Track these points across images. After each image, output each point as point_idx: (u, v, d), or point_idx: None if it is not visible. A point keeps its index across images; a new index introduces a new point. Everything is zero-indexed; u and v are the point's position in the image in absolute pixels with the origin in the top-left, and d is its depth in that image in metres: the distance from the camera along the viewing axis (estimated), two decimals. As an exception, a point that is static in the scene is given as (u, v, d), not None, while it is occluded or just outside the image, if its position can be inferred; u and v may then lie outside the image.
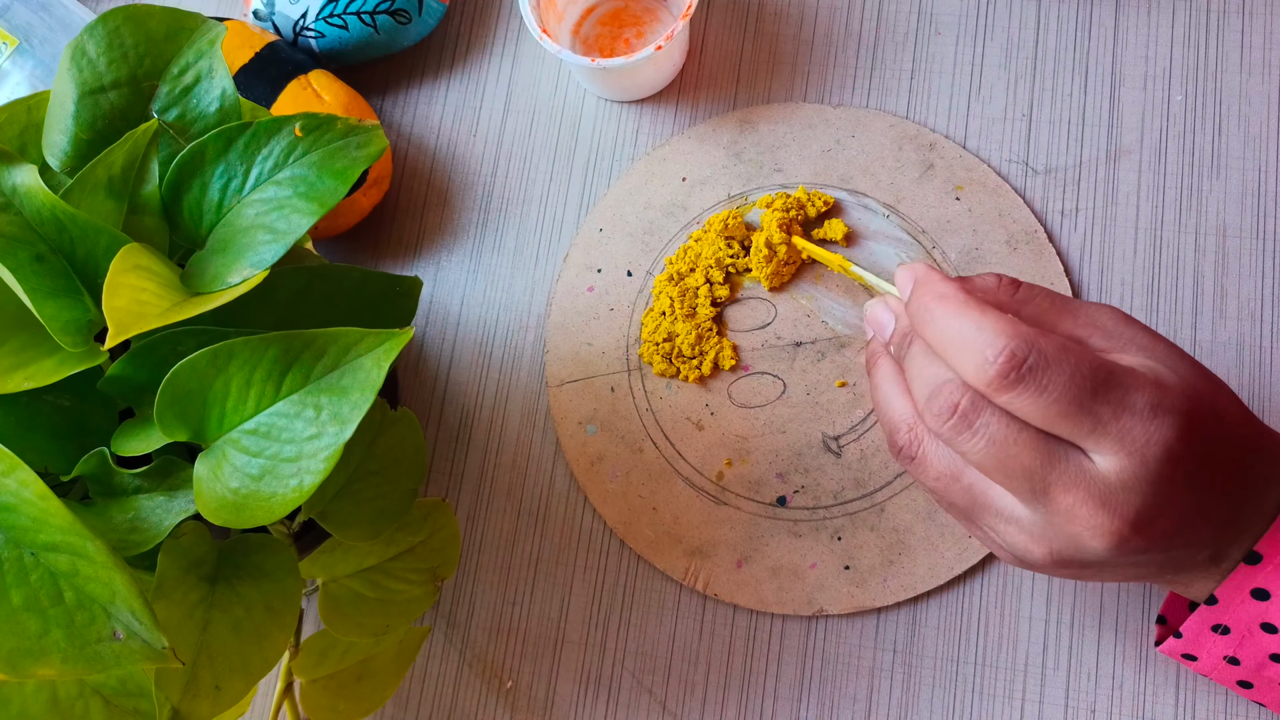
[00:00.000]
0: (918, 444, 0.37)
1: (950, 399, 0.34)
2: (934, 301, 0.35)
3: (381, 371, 0.33)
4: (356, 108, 0.55)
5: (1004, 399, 0.33)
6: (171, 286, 0.34)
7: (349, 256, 0.57)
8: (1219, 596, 0.37)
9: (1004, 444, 0.33)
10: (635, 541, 0.51)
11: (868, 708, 0.48)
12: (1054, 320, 0.37)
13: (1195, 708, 0.46)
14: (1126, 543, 0.34)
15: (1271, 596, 0.37)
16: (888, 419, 0.38)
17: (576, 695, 0.50)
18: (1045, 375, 0.32)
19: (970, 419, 0.34)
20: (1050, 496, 0.34)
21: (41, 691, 0.35)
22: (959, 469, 0.36)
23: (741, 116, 0.56)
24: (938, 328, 0.35)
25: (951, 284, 0.36)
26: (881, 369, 0.39)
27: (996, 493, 0.36)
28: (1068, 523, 0.34)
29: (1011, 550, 0.36)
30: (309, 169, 0.36)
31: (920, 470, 0.37)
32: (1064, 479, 0.33)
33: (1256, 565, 0.37)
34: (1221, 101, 0.53)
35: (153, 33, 0.37)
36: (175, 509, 0.35)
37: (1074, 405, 0.32)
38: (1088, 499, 0.33)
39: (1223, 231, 0.51)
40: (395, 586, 0.44)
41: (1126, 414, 0.33)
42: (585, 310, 0.54)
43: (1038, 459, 0.33)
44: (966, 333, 0.33)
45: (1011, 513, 0.35)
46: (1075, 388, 0.32)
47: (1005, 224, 0.52)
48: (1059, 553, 0.35)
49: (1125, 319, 0.37)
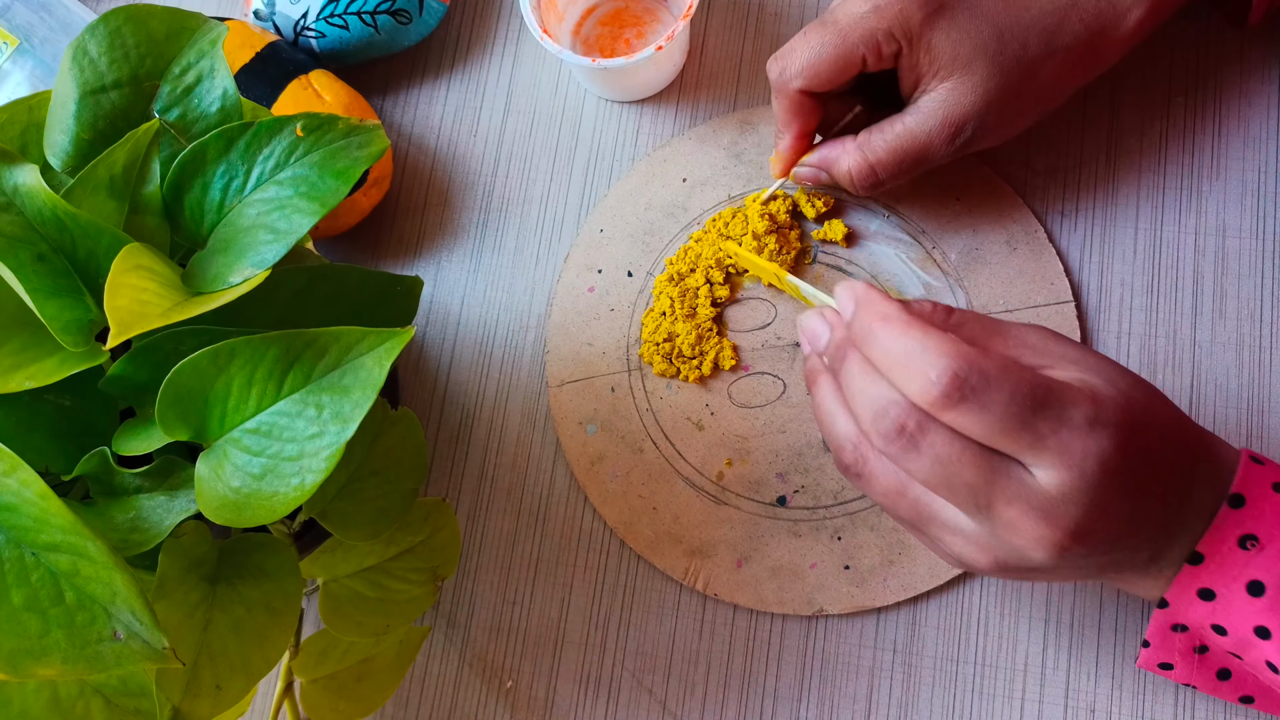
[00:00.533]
0: (864, 462, 0.38)
1: (896, 420, 0.35)
2: (878, 321, 0.36)
3: (383, 371, 0.33)
4: (357, 108, 0.55)
5: (948, 417, 0.34)
6: (173, 286, 0.34)
7: (349, 256, 0.57)
8: (1169, 600, 0.39)
9: (948, 462, 0.34)
10: (635, 541, 0.51)
11: (868, 708, 0.48)
12: (986, 343, 0.38)
13: (1195, 708, 0.46)
14: (1067, 551, 0.35)
15: (1217, 596, 0.38)
16: (832, 436, 0.39)
17: (576, 695, 0.50)
18: (987, 394, 0.33)
19: (916, 439, 0.35)
20: (993, 510, 0.35)
21: (42, 691, 0.35)
22: (905, 484, 0.37)
23: (742, 118, 0.56)
24: (881, 347, 0.36)
25: (894, 304, 0.37)
26: (823, 387, 0.40)
27: (940, 505, 0.37)
28: (1010, 535, 0.35)
29: (958, 559, 0.38)
30: (310, 169, 0.36)
31: (867, 486, 0.38)
32: (1006, 493, 0.35)
33: (1199, 565, 0.38)
34: (1221, 101, 0.53)
35: (154, 33, 0.37)
36: (176, 508, 0.35)
37: (1015, 422, 0.34)
38: (1029, 511, 0.34)
39: (1223, 231, 0.51)
40: (395, 586, 0.44)
41: (1064, 429, 0.34)
42: (586, 310, 0.54)
43: (980, 475, 0.34)
44: (911, 352, 0.34)
45: (957, 525, 0.37)
46: (1016, 405, 0.34)
47: (1005, 224, 0.52)
48: (1003, 561, 0.37)
49: (1054, 336, 0.39)
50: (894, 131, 0.46)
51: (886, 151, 0.46)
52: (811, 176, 0.50)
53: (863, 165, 0.47)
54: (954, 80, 0.45)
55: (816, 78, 0.46)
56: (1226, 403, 0.49)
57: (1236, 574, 0.37)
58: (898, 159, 0.46)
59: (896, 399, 0.35)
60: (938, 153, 0.46)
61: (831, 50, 0.45)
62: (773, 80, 0.47)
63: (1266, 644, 0.37)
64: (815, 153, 0.49)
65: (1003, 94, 0.45)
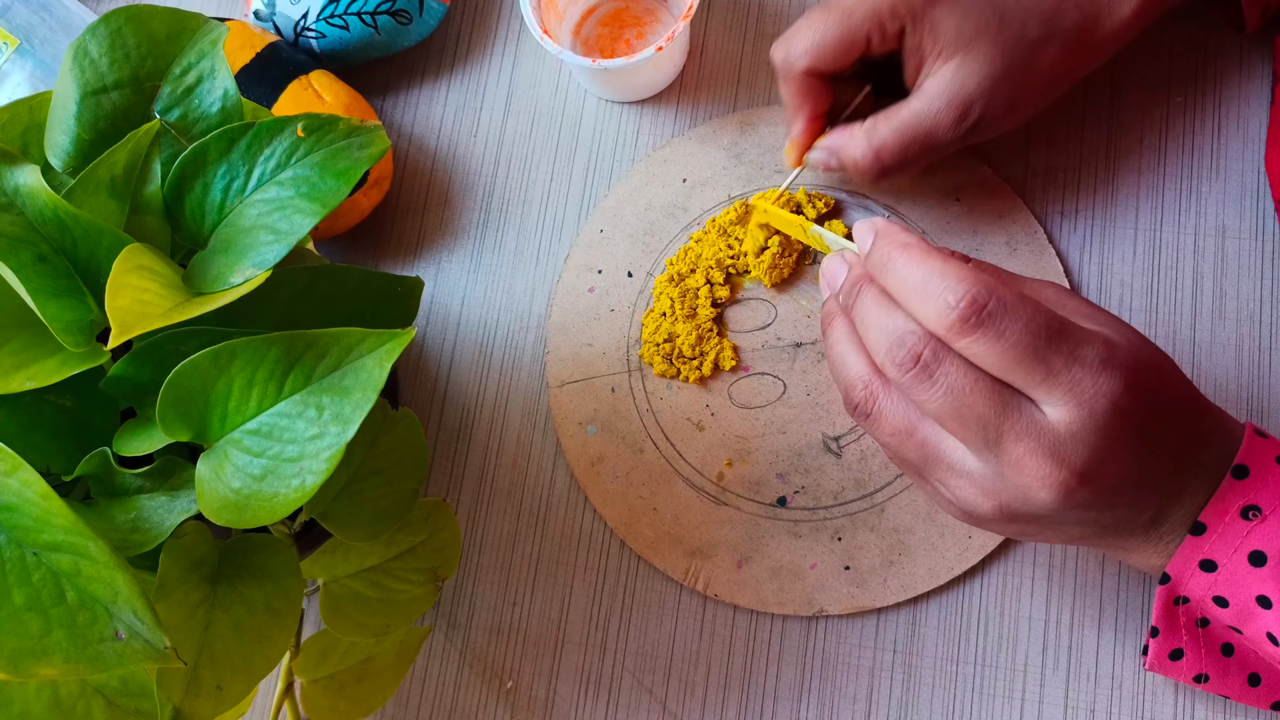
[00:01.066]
0: (873, 400, 0.38)
1: (913, 349, 0.35)
2: (897, 249, 0.36)
3: (383, 372, 0.33)
4: (357, 108, 0.55)
5: (963, 343, 0.34)
6: (174, 287, 0.34)
7: (350, 257, 0.57)
8: (1170, 572, 0.39)
9: (961, 393, 0.35)
10: (636, 542, 0.51)
11: (868, 708, 0.48)
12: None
13: (1195, 708, 0.46)
14: (1073, 494, 0.35)
15: (1219, 567, 0.38)
16: (843, 376, 0.39)
17: (576, 695, 0.50)
18: (1003, 321, 0.34)
19: (931, 369, 0.35)
20: (1002, 447, 0.35)
21: (43, 691, 0.35)
22: (913, 423, 0.37)
23: (742, 118, 0.56)
24: (900, 275, 0.36)
25: (914, 234, 0.37)
26: (837, 328, 0.40)
27: (949, 446, 0.37)
28: (1017, 474, 0.35)
29: (961, 505, 0.38)
30: (311, 169, 0.36)
31: (875, 426, 0.38)
32: (1016, 429, 0.35)
33: (1201, 536, 0.38)
34: (1221, 102, 0.53)
35: (155, 33, 0.37)
36: (177, 509, 0.35)
37: (1029, 352, 0.34)
38: (1037, 449, 0.35)
39: (1222, 231, 0.51)
40: (396, 586, 0.44)
41: (1077, 365, 0.34)
42: (586, 311, 0.54)
43: (992, 408, 0.35)
44: (930, 279, 0.35)
45: (963, 466, 0.37)
46: (1030, 335, 0.34)
47: (1005, 225, 0.52)
48: (1007, 506, 0.36)
49: (1068, 292, 0.39)
50: (899, 117, 0.46)
51: (893, 136, 0.46)
52: (824, 161, 0.49)
53: (868, 152, 0.47)
54: (958, 60, 0.45)
55: (822, 58, 0.46)
56: (1226, 403, 0.49)
57: (1238, 545, 0.37)
58: (904, 144, 0.46)
59: (913, 328, 0.35)
60: (945, 137, 0.46)
61: (836, 29, 0.45)
62: (778, 64, 0.47)
63: (1268, 614, 0.38)
64: (825, 138, 0.49)
65: (1007, 75, 0.45)
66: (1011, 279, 0.39)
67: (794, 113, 0.49)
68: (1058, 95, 0.48)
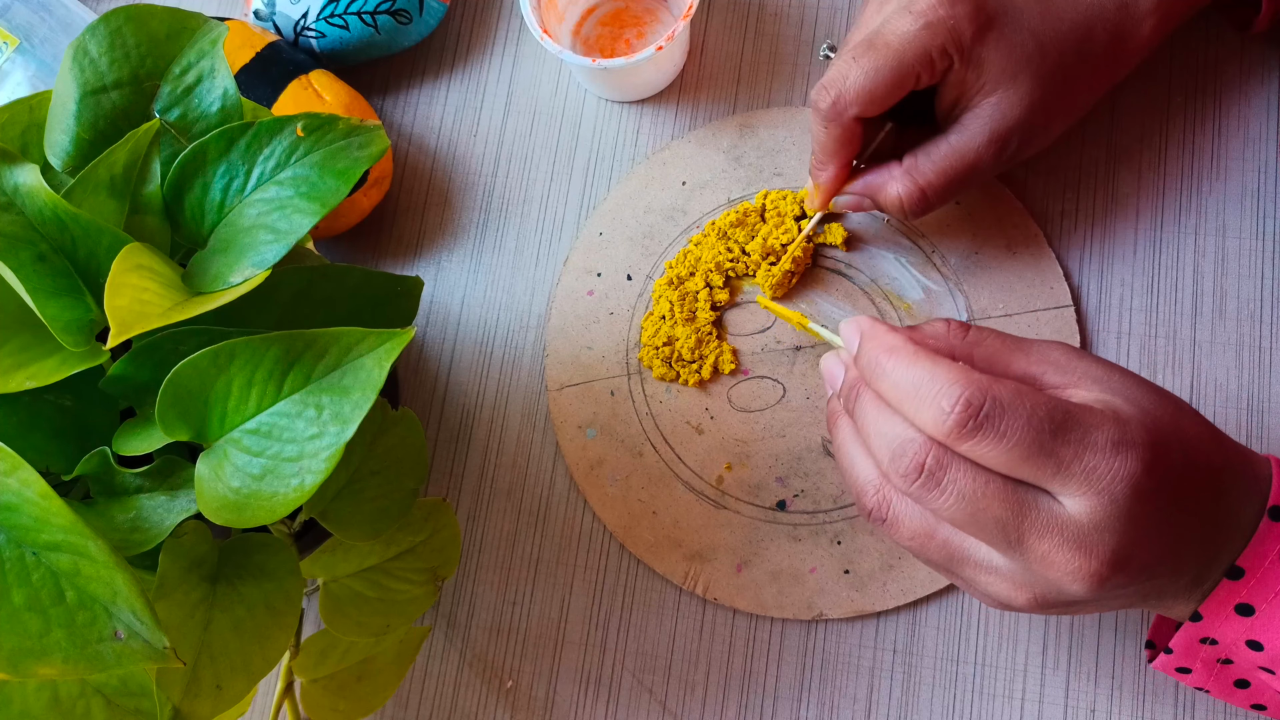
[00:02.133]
0: (887, 506, 0.37)
1: (916, 459, 0.34)
2: (884, 354, 0.35)
3: (383, 371, 0.33)
4: (357, 108, 0.55)
5: (965, 448, 0.33)
6: (173, 286, 0.34)
7: (349, 256, 0.57)
8: (1203, 613, 0.37)
9: (973, 498, 0.34)
10: (635, 545, 0.51)
11: (868, 708, 0.48)
12: (1006, 361, 0.37)
13: (1194, 708, 0.46)
14: (1106, 581, 0.34)
15: (1256, 611, 0.37)
16: (854, 482, 0.38)
17: (576, 695, 0.50)
18: (1003, 421, 0.33)
19: (937, 476, 0.34)
20: (1025, 545, 0.34)
21: (43, 691, 0.35)
22: (932, 526, 0.36)
23: (741, 120, 0.56)
24: (890, 381, 0.35)
25: (899, 335, 0.36)
26: (842, 429, 0.39)
27: (972, 544, 0.36)
28: (1046, 569, 0.34)
29: (995, 598, 0.37)
30: (311, 169, 0.36)
31: (894, 531, 0.37)
32: (1036, 526, 0.33)
33: (1239, 580, 0.36)
34: (1221, 102, 0.53)
35: (154, 33, 0.37)
36: (176, 508, 0.35)
37: (1035, 448, 0.33)
38: (1063, 544, 0.33)
39: (1223, 232, 0.51)
40: (396, 586, 0.44)
41: (1089, 453, 0.33)
42: (585, 314, 0.54)
43: (1008, 509, 0.33)
44: (920, 384, 0.34)
45: (990, 563, 0.36)
46: (1034, 430, 0.33)
47: (1004, 229, 0.52)
48: (1041, 597, 0.35)
49: (1077, 353, 0.37)
50: (941, 153, 0.45)
51: (936, 174, 0.45)
52: (854, 205, 0.48)
53: (913, 190, 0.46)
54: (999, 94, 0.44)
55: (874, 102, 0.44)
56: (1226, 403, 0.49)
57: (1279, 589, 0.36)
58: (947, 179, 0.45)
59: (912, 436, 0.34)
60: (986, 169, 0.45)
61: (889, 73, 0.43)
62: (824, 110, 0.45)
63: None
64: (858, 180, 0.48)
65: (1045, 103, 0.44)
66: (1014, 348, 0.38)
67: (830, 158, 0.47)
68: (1086, 112, 0.48)
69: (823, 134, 0.46)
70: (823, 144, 0.46)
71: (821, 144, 0.46)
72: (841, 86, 0.44)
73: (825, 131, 0.46)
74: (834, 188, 0.48)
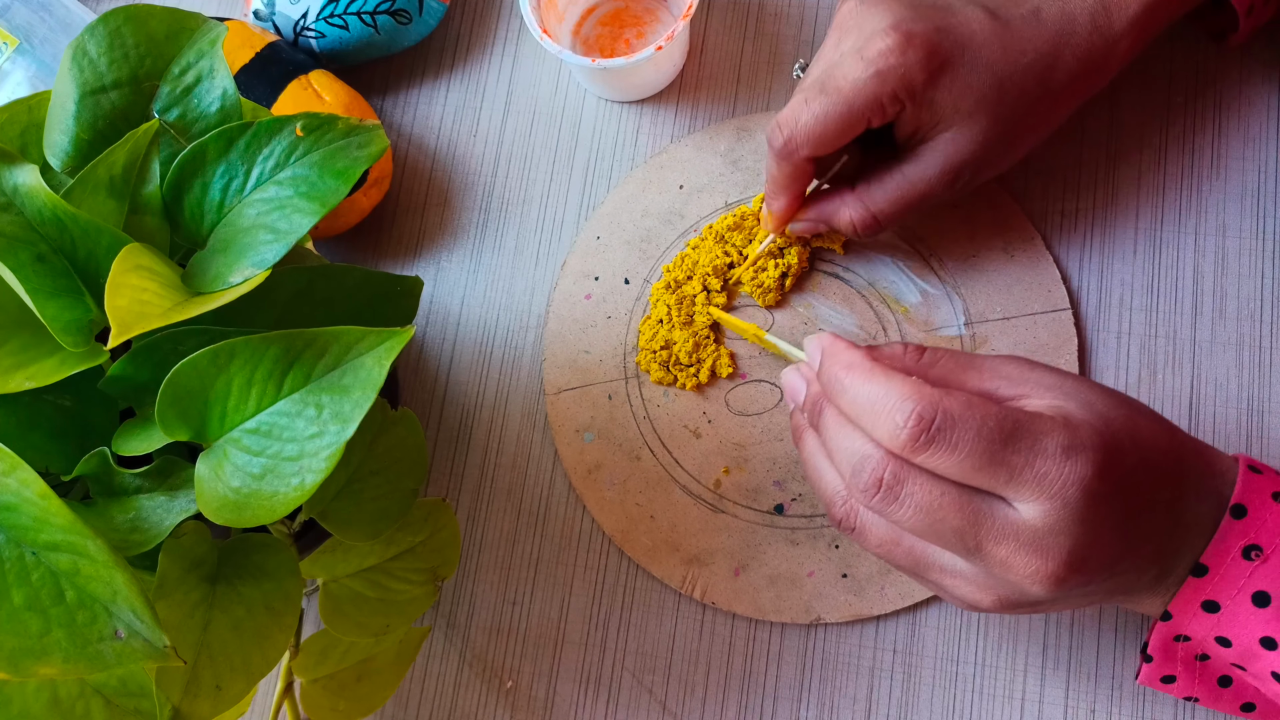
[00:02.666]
0: (854, 515, 0.39)
1: (874, 474, 0.35)
2: (842, 371, 0.37)
3: (383, 370, 0.33)
4: (357, 108, 0.55)
5: (920, 460, 0.34)
6: (173, 286, 0.34)
7: (349, 256, 0.57)
8: (1172, 612, 0.38)
9: (930, 509, 0.35)
10: (633, 549, 0.51)
11: (868, 708, 0.48)
12: (961, 378, 0.39)
13: (1194, 707, 0.46)
14: (1064, 582, 0.35)
15: (1222, 608, 0.37)
16: (822, 493, 0.40)
17: (576, 695, 0.50)
18: (954, 433, 0.34)
19: (895, 491, 0.35)
20: (984, 551, 0.35)
21: (43, 691, 0.35)
22: (897, 535, 0.38)
23: (739, 124, 0.56)
24: (849, 397, 0.36)
25: (858, 352, 0.37)
26: (808, 442, 0.40)
27: (935, 551, 0.37)
28: (1005, 572, 0.35)
29: (961, 600, 0.38)
30: (310, 169, 0.36)
31: (862, 540, 0.39)
32: (993, 533, 0.35)
33: (1204, 577, 0.37)
34: (1221, 102, 0.53)
35: (154, 33, 0.37)
36: (176, 508, 0.35)
37: (986, 458, 0.34)
38: (1019, 548, 0.34)
39: (1223, 232, 0.51)
40: (396, 586, 0.44)
41: (1040, 459, 0.34)
42: (583, 318, 0.54)
43: (965, 518, 0.35)
44: (875, 399, 0.35)
45: (955, 568, 0.37)
46: (984, 441, 0.34)
47: (1002, 232, 0.52)
48: (1005, 599, 0.37)
49: (1029, 364, 0.39)
50: (894, 182, 0.46)
51: (888, 202, 0.46)
52: (809, 230, 0.50)
53: (866, 216, 0.47)
54: (954, 130, 0.44)
55: (823, 144, 0.45)
56: (1226, 403, 0.49)
57: (1241, 585, 0.37)
58: (898, 207, 0.46)
59: (870, 452, 0.35)
60: (938, 197, 0.46)
61: (837, 118, 0.44)
62: (776, 147, 0.46)
63: (1273, 654, 0.37)
64: (812, 208, 0.49)
65: (1001, 136, 0.45)
66: (967, 365, 0.39)
67: (780, 190, 0.48)
68: (1051, 133, 0.48)
69: (775, 169, 0.47)
70: (774, 178, 0.48)
71: (773, 178, 0.48)
72: (793, 128, 0.45)
73: (777, 168, 0.47)
74: (786, 216, 0.49)
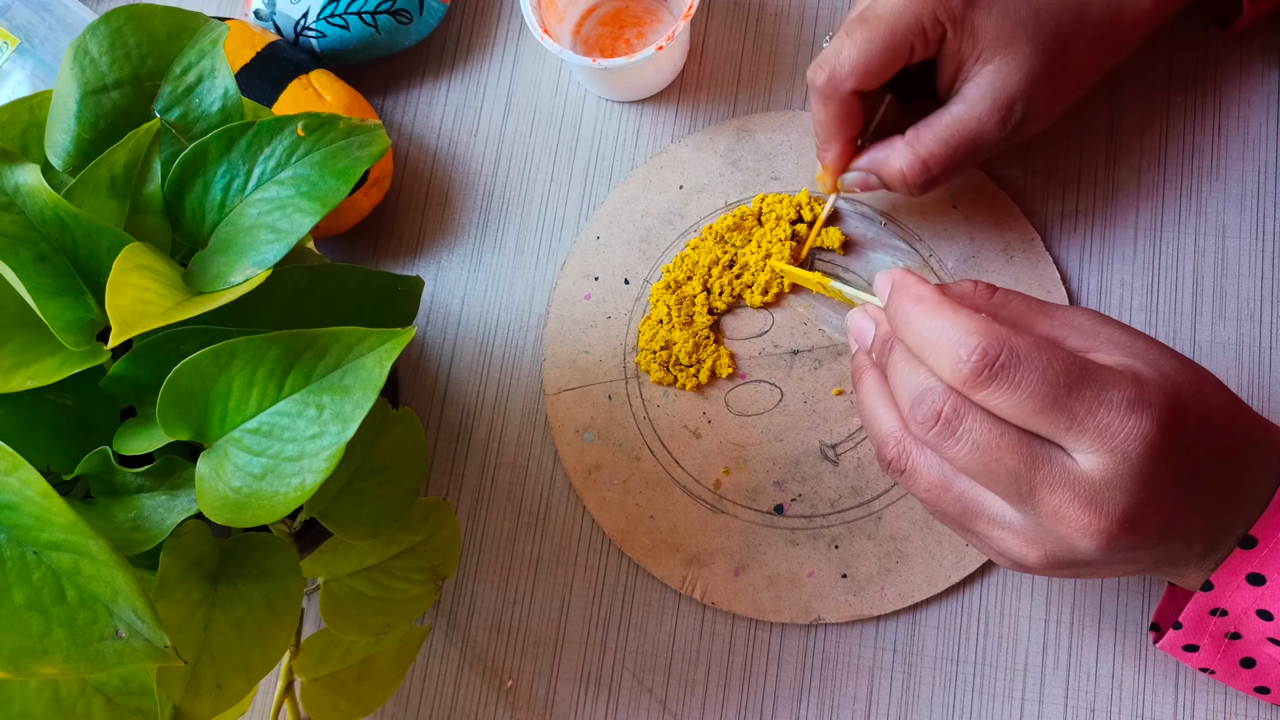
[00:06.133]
0: (906, 456, 0.37)
1: (934, 406, 0.35)
2: (910, 304, 0.36)
3: (383, 371, 0.33)
4: (358, 107, 0.55)
5: (979, 396, 0.34)
6: (174, 286, 0.34)
7: (350, 256, 0.57)
8: (1214, 582, 0.38)
9: (987, 448, 0.34)
10: (633, 550, 0.51)
11: (868, 707, 0.48)
12: (1030, 322, 0.38)
13: (1194, 707, 0.46)
14: (1116, 541, 0.34)
15: (1267, 581, 0.37)
16: (875, 433, 0.39)
17: (576, 695, 0.50)
18: (1018, 372, 0.33)
19: (953, 425, 0.34)
20: (1036, 499, 0.34)
21: (43, 690, 0.35)
22: (949, 478, 0.37)
23: (739, 124, 0.56)
24: (914, 329, 0.35)
25: (928, 286, 0.36)
26: (866, 382, 0.40)
27: (987, 499, 0.36)
28: (1056, 524, 0.34)
29: (1007, 555, 0.37)
30: (311, 168, 0.36)
31: (911, 482, 0.38)
32: (1048, 480, 0.34)
33: (1252, 550, 0.37)
34: (1220, 102, 0.53)
35: (155, 32, 0.37)
36: (177, 508, 0.35)
37: (1048, 401, 0.33)
38: (1074, 499, 0.34)
39: (1223, 231, 0.51)
40: (396, 585, 0.44)
41: (1104, 410, 0.33)
42: (583, 318, 0.54)
43: (1021, 461, 0.34)
44: (941, 332, 0.34)
45: (1003, 518, 0.36)
46: (1048, 384, 0.33)
47: (1002, 232, 0.52)
48: (1052, 554, 0.36)
49: (1102, 318, 0.38)
50: (943, 123, 0.45)
51: (938, 144, 0.45)
52: (861, 182, 0.48)
53: (915, 161, 0.46)
54: (997, 61, 0.44)
55: (869, 75, 0.44)
56: (1226, 403, 0.49)
57: None
58: (950, 151, 0.45)
59: (932, 384, 0.35)
60: (989, 138, 0.45)
61: (882, 44, 0.44)
62: (819, 86, 0.45)
63: None
64: (863, 156, 0.48)
65: (1046, 71, 0.44)
66: (1038, 310, 0.38)
67: (831, 136, 0.47)
68: (1088, 90, 0.48)
69: (821, 112, 0.46)
70: (823, 123, 0.47)
71: (822, 123, 0.47)
72: (835, 62, 0.44)
73: (824, 109, 0.46)
74: (840, 165, 0.48)
